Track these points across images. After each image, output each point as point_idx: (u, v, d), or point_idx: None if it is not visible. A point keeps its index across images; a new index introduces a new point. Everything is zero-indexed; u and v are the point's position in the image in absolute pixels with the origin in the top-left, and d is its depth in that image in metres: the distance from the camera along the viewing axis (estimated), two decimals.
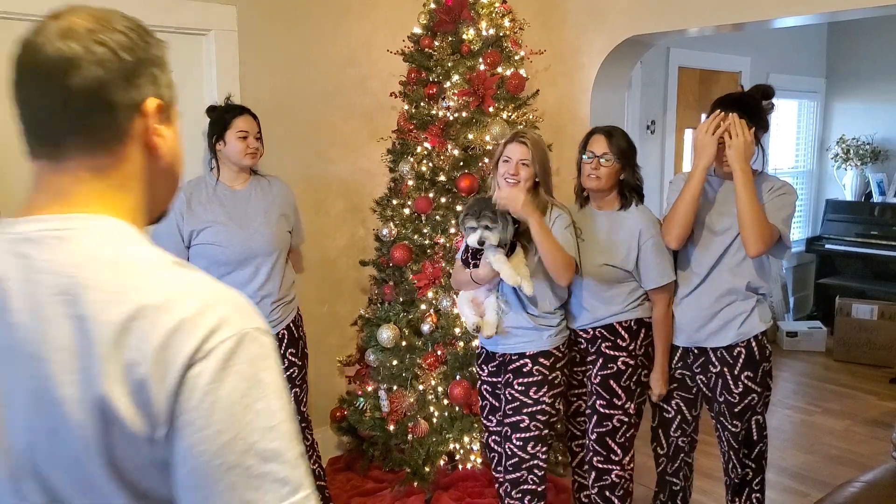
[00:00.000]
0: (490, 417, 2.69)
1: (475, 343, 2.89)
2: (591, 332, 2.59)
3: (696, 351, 2.56)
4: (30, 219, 0.84)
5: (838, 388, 4.86)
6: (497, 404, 2.64)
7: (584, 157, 2.56)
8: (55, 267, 0.78)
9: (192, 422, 0.73)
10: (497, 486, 2.75)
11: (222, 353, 0.75)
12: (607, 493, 2.64)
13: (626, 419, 2.60)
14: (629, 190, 2.58)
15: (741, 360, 2.47)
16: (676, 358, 2.60)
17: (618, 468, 2.62)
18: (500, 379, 2.60)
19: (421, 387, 3.06)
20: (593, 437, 2.62)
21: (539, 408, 2.50)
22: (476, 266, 2.47)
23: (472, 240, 2.36)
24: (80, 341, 0.75)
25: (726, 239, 2.45)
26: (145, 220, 0.91)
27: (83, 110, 0.83)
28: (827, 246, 6.03)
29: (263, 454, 0.74)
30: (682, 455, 2.69)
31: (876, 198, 5.96)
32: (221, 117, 2.72)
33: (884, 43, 5.88)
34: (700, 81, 5.23)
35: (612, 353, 2.57)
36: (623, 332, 2.56)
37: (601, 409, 2.59)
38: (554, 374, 2.53)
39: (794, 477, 3.58)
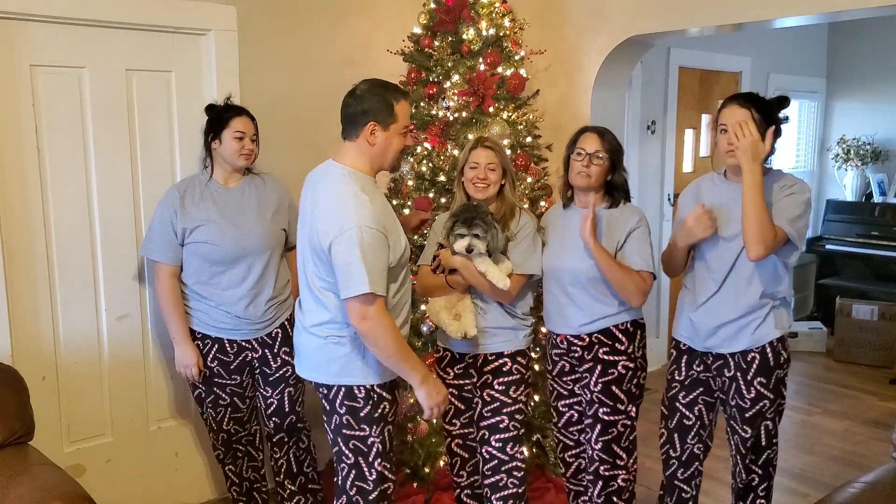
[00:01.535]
0: (454, 421, 2.68)
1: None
2: (588, 339, 2.55)
3: (714, 354, 2.52)
4: (327, 161, 2.24)
5: (839, 388, 4.86)
6: (462, 407, 2.65)
7: (573, 154, 2.55)
8: (322, 180, 2.22)
9: (334, 254, 2.10)
10: (458, 490, 2.75)
11: (346, 236, 2.07)
12: (614, 499, 2.63)
13: (629, 423, 2.59)
14: (617, 190, 2.57)
15: (755, 366, 2.42)
16: (697, 361, 2.56)
17: (623, 472, 2.61)
18: (468, 381, 2.62)
19: None
20: (598, 446, 2.58)
21: (517, 407, 2.55)
22: (452, 272, 2.49)
23: (460, 246, 2.39)
24: (315, 215, 2.17)
25: (737, 245, 2.39)
26: (372, 172, 2.24)
27: (349, 124, 2.20)
28: (827, 246, 6.02)
29: (351, 263, 2.07)
30: (696, 463, 2.64)
31: (876, 198, 5.96)
32: (220, 116, 2.72)
33: (884, 43, 5.88)
34: (700, 81, 5.23)
35: (611, 357, 2.54)
36: (620, 336, 2.54)
37: (605, 417, 2.56)
38: (528, 373, 2.62)
39: (794, 477, 3.58)
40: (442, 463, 3.10)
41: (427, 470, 3.09)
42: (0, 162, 2.63)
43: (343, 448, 2.27)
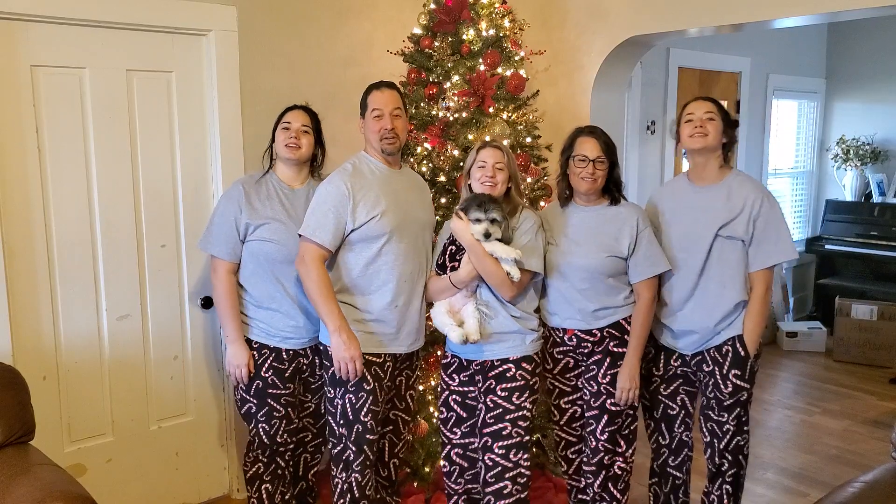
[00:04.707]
0: (455, 430, 2.66)
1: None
2: (599, 334, 2.59)
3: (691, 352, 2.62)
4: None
5: (838, 388, 4.87)
6: (465, 415, 2.64)
7: (572, 158, 2.57)
8: None
9: None
10: (454, 497, 2.74)
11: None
12: (610, 486, 2.67)
13: (632, 412, 2.65)
14: (615, 186, 2.61)
15: (729, 359, 2.51)
16: (675, 356, 2.65)
17: (621, 459, 2.66)
18: (473, 388, 2.61)
19: (421, 387, 3.06)
20: (604, 437, 2.62)
21: (521, 413, 2.51)
22: (454, 269, 2.49)
23: (478, 230, 2.40)
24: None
25: (702, 247, 2.52)
26: (376, 153, 2.60)
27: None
28: (827, 246, 6.03)
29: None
30: (685, 449, 2.72)
31: (876, 198, 5.96)
32: (278, 117, 2.70)
33: (884, 43, 5.88)
34: (700, 82, 5.23)
35: (620, 350, 2.59)
36: (628, 327, 2.59)
37: (612, 408, 2.60)
38: (535, 380, 2.57)
39: (793, 477, 3.58)
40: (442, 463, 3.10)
41: (427, 469, 3.10)
42: (1, 162, 2.63)
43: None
